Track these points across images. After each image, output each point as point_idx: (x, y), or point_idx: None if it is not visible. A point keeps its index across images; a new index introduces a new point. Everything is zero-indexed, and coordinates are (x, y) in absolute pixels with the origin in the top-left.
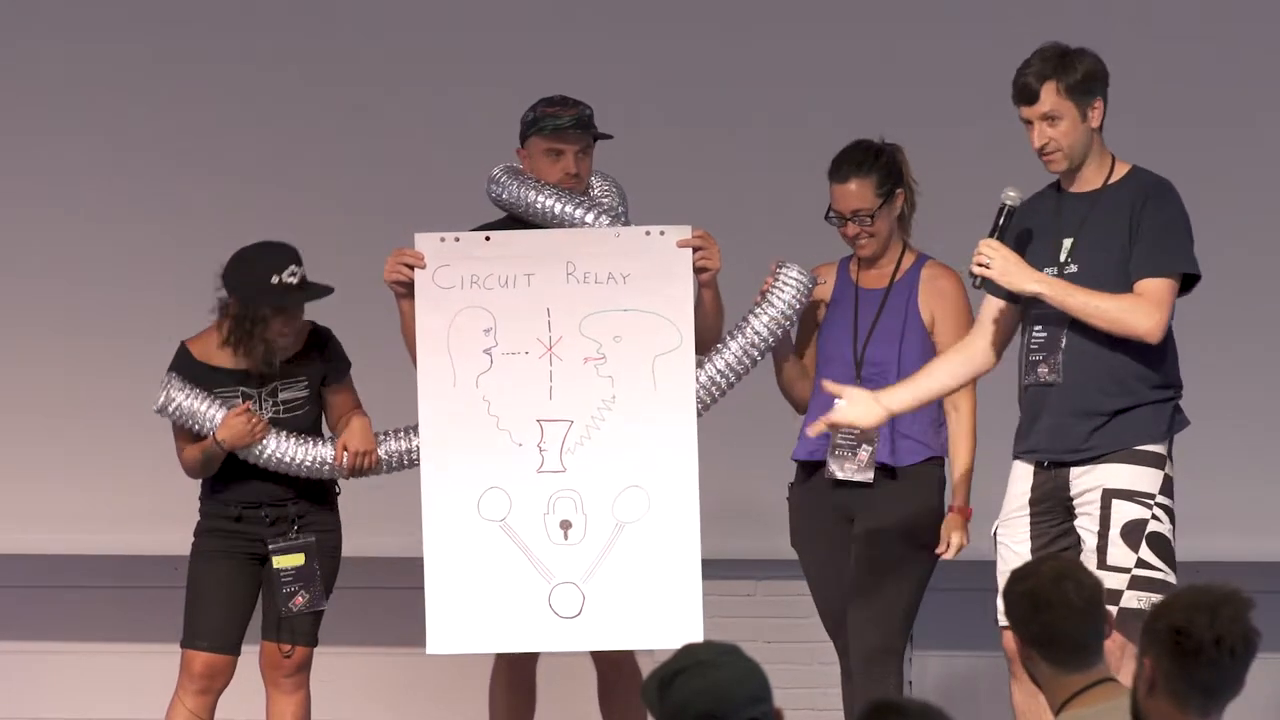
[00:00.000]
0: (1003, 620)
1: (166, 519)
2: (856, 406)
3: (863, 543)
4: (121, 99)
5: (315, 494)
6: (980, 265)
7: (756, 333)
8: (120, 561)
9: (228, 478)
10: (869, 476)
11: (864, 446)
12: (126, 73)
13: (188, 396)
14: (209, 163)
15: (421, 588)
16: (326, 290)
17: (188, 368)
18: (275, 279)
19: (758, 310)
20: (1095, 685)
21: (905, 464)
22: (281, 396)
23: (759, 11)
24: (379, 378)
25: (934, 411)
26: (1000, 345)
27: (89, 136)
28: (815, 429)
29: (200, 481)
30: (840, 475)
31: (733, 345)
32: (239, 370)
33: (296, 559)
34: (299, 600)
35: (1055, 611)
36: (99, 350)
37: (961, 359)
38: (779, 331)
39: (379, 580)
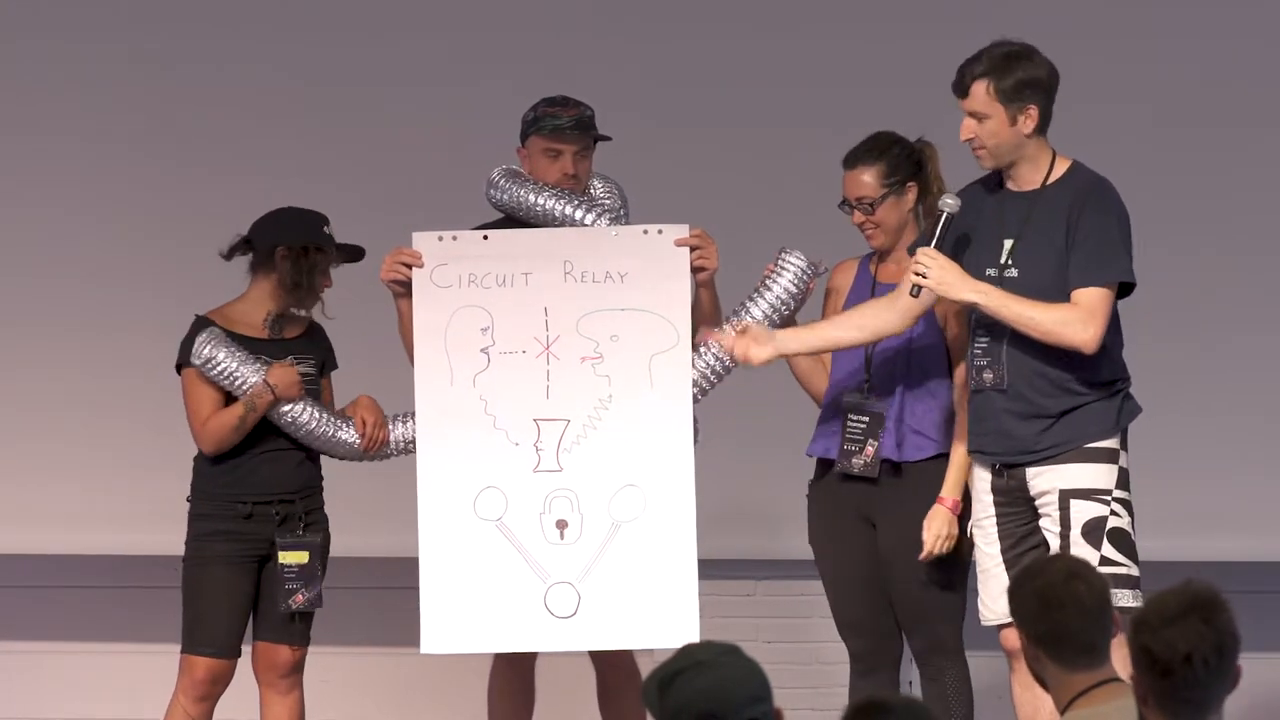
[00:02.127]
0: (988, 619)
1: (166, 519)
2: (749, 339)
3: (896, 554)
4: (121, 99)
5: (317, 494)
6: (917, 275)
7: (752, 316)
8: (120, 561)
9: (243, 468)
10: (874, 472)
11: (871, 442)
12: (126, 73)
13: (228, 354)
14: (209, 163)
15: (417, 587)
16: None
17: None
18: (327, 230)
19: (755, 295)
20: (1101, 685)
21: (912, 459)
22: (298, 369)
23: (760, 12)
24: (377, 377)
25: (945, 407)
26: (913, 317)
27: (90, 137)
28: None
29: (193, 483)
30: (849, 470)
31: (730, 330)
32: (258, 339)
33: (301, 556)
34: (300, 598)
35: (1066, 611)
36: (99, 350)
37: (870, 319)
38: (775, 316)
39: (375, 580)
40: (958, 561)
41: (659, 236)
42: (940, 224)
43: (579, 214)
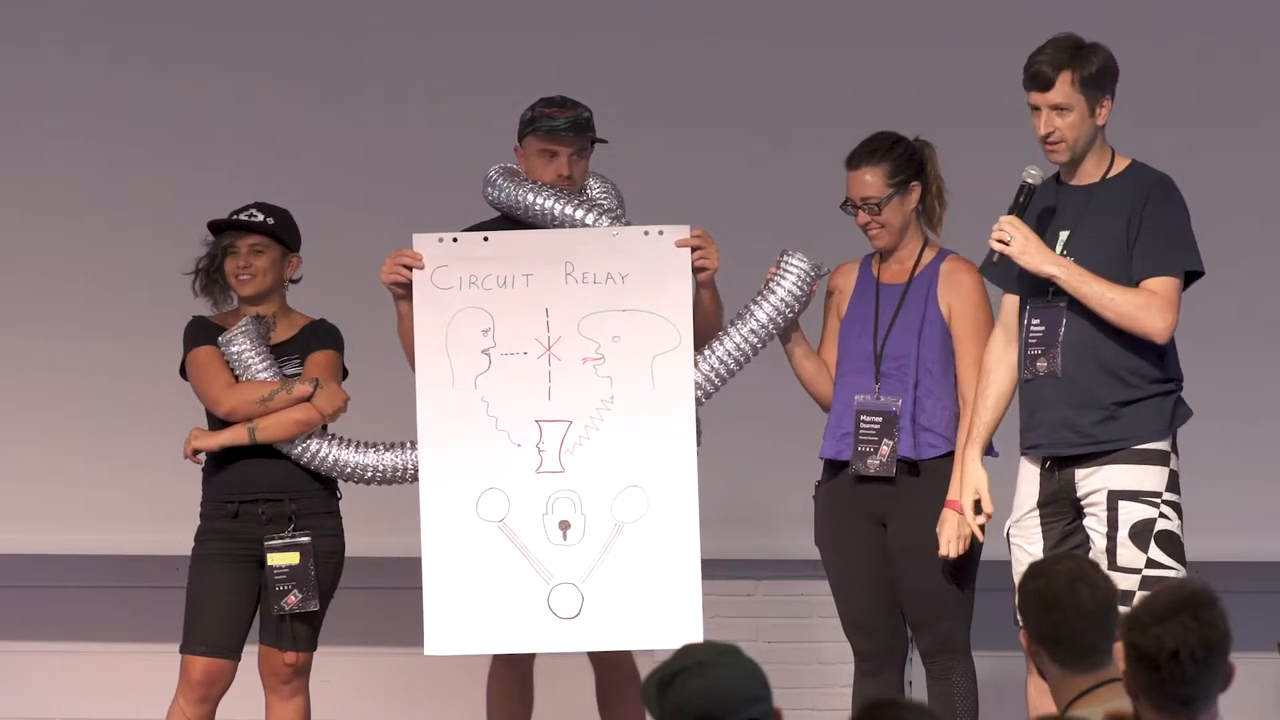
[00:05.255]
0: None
1: (166, 519)
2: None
3: (909, 552)
4: (123, 100)
5: (316, 496)
6: (1000, 241)
7: (756, 319)
8: (120, 561)
9: (230, 467)
10: (891, 471)
11: (885, 441)
12: (125, 73)
13: (253, 345)
14: (209, 164)
15: (420, 588)
16: (265, 224)
17: (203, 326)
18: (235, 215)
19: (759, 298)
20: (1102, 686)
21: (926, 458)
22: (286, 371)
23: (761, 12)
24: (379, 378)
25: (954, 406)
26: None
27: (90, 138)
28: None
29: (201, 480)
30: (864, 471)
31: (733, 333)
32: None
33: (291, 557)
34: (291, 599)
35: (1066, 613)
36: (99, 350)
37: (1008, 372)
38: (779, 319)
39: (378, 580)
40: (969, 561)
41: (660, 237)
42: (1022, 193)
43: (577, 214)
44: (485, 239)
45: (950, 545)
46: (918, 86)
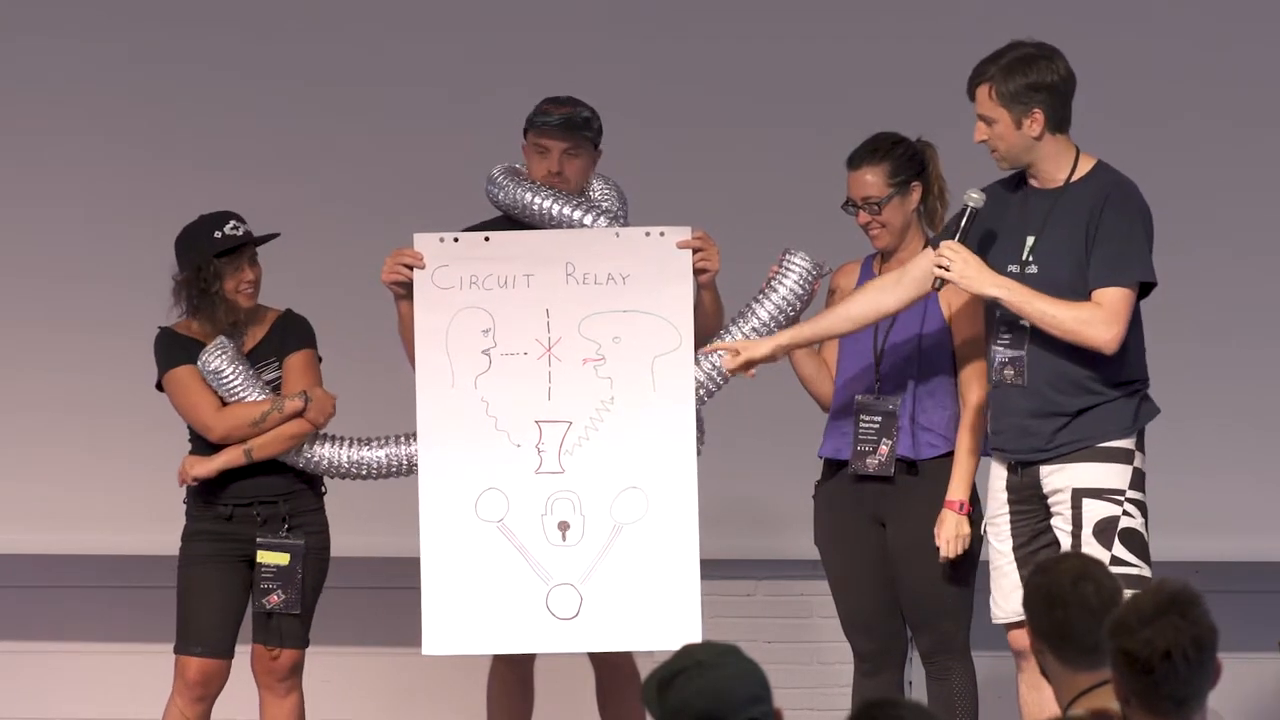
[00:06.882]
0: (998, 617)
1: (166, 519)
2: (745, 345)
3: (908, 552)
4: (122, 99)
5: (305, 495)
6: (940, 268)
7: (758, 318)
8: (120, 561)
9: (224, 474)
10: (890, 471)
11: (885, 441)
12: (126, 72)
13: (231, 364)
14: (208, 163)
15: (418, 588)
16: (269, 235)
17: (176, 342)
18: (218, 234)
19: (760, 297)
20: (1103, 685)
21: (925, 457)
22: (264, 378)
23: (761, 12)
24: (379, 378)
25: (954, 406)
26: (911, 299)
27: (88, 136)
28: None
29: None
30: (863, 471)
31: (735, 331)
32: None
33: (281, 558)
34: (274, 599)
35: (1070, 611)
36: (99, 350)
37: (860, 307)
38: (781, 318)
39: (376, 580)
40: (968, 561)
41: (661, 239)
42: (964, 218)
43: (574, 215)
44: (486, 239)
45: (948, 545)
46: (918, 86)
